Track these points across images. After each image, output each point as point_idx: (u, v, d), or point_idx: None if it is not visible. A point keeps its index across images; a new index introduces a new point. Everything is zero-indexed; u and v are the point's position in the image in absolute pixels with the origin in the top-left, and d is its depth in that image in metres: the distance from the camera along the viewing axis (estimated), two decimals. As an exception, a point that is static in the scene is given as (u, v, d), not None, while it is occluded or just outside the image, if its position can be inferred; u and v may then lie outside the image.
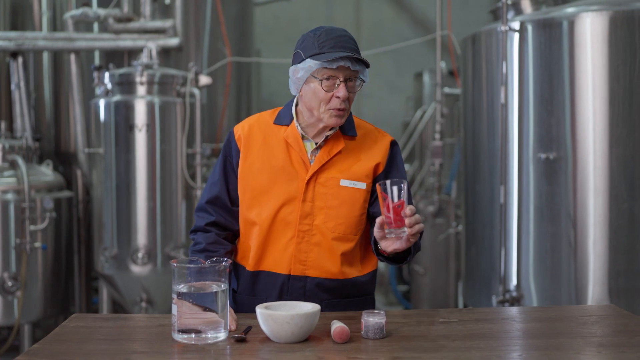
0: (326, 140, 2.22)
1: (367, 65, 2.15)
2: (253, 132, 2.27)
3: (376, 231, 2.00)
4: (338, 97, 2.12)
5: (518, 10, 4.31)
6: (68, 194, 5.18)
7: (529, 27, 4.01)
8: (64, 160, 5.74)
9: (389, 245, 2.00)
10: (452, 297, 5.70)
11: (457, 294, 5.66)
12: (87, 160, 5.18)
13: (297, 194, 2.19)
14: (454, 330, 2.00)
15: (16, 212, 4.71)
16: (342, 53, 2.09)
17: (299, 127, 2.23)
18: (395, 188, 1.93)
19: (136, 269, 4.75)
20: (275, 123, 2.27)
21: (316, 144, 2.23)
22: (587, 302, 3.86)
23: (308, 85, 2.16)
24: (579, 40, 3.87)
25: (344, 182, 2.21)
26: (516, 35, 4.04)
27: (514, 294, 4.07)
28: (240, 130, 2.28)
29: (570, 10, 3.95)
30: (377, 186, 1.96)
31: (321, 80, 2.12)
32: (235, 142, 2.27)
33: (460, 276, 5.45)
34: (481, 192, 4.38)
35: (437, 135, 5.59)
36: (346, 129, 2.25)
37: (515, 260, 4.09)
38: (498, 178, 4.15)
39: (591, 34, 3.85)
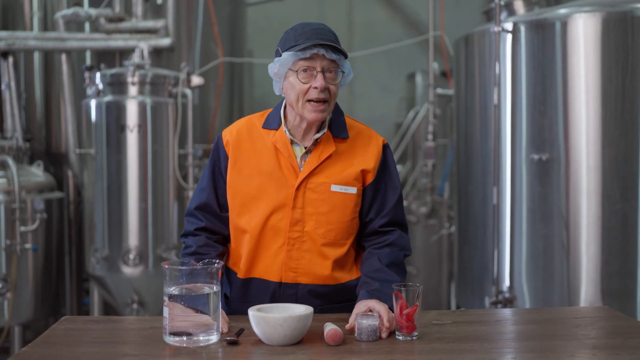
0: (316, 143, 2.16)
1: (345, 55, 2.09)
2: (241, 137, 2.20)
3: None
4: (315, 87, 2.05)
5: (511, 11, 4.30)
6: (59, 194, 5.15)
7: (522, 28, 4.01)
8: (54, 160, 5.71)
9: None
10: (444, 298, 5.69)
11: (450, 295, 5.66)
12: (78, 161, 5.15)
13: (286, 200, 2.13)
14: (448, 332, 1.99)
15: (6, 213, 4.68)
16: (315, 42, 2.04)
17: (287, 132, 2.17)
18: (411, 293, 1.91)
19: (127, 270, 4.72)
20: (263, 127, 2.20)
21: (305, 148, 2.17)
22: (580, 304, 3.85)
23: (287, 80, 2.11)
24: (572, 41, 3.87)
25: (335, 188, 2.14)
26: (509, 36, 4.04)
27: (507, 295, 4.06)
28: (228, 135, 2.22)
29: (563, 11, 3.95)
30: (393, 287, 1.94)
31: (297, 72, 2.07)
32: (224, 148, 2.21)
33: (452, 277, 5.44)
34: (474, 193, 4.38)
35: (430, 136, 5.59)
36: (337, 131, 2.19)
37: (508, 261, 4.09)
38: (491, 179, 4.14)
39: (584, 35, 3.85)
